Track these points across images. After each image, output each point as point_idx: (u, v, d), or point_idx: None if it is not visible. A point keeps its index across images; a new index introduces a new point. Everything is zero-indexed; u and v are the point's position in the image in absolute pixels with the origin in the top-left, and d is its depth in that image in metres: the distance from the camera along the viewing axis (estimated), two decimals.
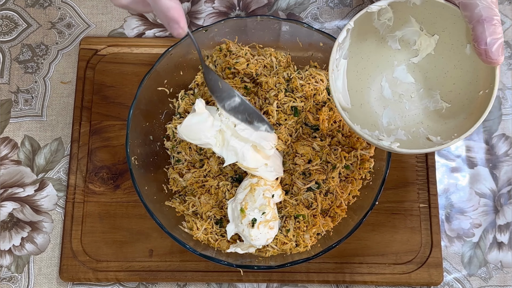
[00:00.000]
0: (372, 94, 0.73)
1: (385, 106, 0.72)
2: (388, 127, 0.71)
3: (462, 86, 0.68)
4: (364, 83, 0.73)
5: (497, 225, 0.84)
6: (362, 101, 0.72)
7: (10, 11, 0.93)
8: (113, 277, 0.80)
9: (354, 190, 0.78)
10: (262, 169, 0.75)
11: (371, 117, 0.72)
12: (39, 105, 0.89)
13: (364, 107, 0.72)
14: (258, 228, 0.73)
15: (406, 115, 0.72)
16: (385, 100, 0.73)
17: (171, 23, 0.58)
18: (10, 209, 0.84)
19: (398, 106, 0.72)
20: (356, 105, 0.71)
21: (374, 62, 0.73)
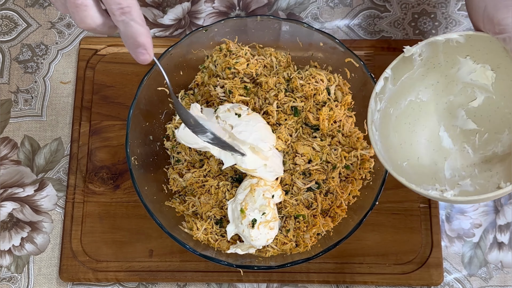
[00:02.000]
0: (430, 146, 0.68)
1: (446, 157, 0.67)
2: (452, 179, 0.66)
3: None
4: (419, 135, 0.68)
5: (498, 225, 0.84)
6: (419, 154, 0.67)
7: (10, 11, 0.93)
8: (113, 277, 0.80)
9: (354, 190, 0.77)
10: (261, 170, 0.75)
11: (430, 171, 0.67)
12: (39, 105, 0.89)
13: (422, 161, 0.67)
14: (258, 228, 0.73)
15: (471, 165, 0.66)
16: (445, 151, 0.68)
17: (139, 49, 0.57)
18: (10, 209, 0.84)
19: (461, 156, 0.67)
20: (412, 159, 0.66)
21: (429, 112, 0.67)
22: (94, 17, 0.55)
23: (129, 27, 0.55)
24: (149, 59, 0.58)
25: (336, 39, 0.78)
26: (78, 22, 0.56)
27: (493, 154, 0.65)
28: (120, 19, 0.55)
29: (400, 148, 0.67)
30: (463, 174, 0.66)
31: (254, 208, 0.73)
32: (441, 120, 0.68)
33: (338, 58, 0.80)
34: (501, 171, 0.64)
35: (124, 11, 0.54)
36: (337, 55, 0.80)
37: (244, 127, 0.74)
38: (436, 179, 0.66)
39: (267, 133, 0.76)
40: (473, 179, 0.65)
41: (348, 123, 0.80)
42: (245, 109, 0.77)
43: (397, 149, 0.67)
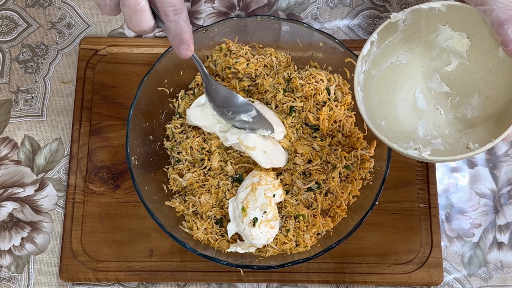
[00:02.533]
0: (406, 106, 0.72)
1: (420, 117, 0.71)
2: (424, 139, 0.70)
3: (499, 90, 0.67)
4: (397, 95, 0.72)
5: (497, 225, 0.84)
6: (396, 113, 0.71)
7: (10, 11, 0.93)
8: (113, 277, 0.81)
9: (354, 190, 0.78)
10: (259, 152, 0.75)
11: (406, 130, 0.71)
12: (39, 105, 0.89)
13: (398, 120, 0.71)
14: (259, 227, 0.73)
15: (442, 125, 0.71)
16: (420, 112, 0.72)
17: (183, 45, 0.62)
18: (10, 209, 0.84)
19: (434, 116, 0.71)
20: (389, 118, 0.70)
21: (407, 73, 0.71)
22: (149, 20, 0.60)
23: (179, 26, 0.60)
24: (190, 55, 0.63)
25: (336, 39, 0.79)
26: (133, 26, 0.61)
27: (463, 116, 0.69)
28: (173, 19, 0.60)
29: (380, 107, 0.71)
30: (434, 133, 0.70)
31: (255, 206, 0.74)
32: (417, 82, 0.72)
33: (338, 58, 0.80)
34: (469, 132, 0.68)
35: (177, 12, 0.59)
36: (337, 55, 0.80)
37: (259, 109, 0.76)
38: (411, 137, 0.70)
39: (279, 121, 0.79)
40: (444, 139, 0.69)
41: (348, 123, 0.80)
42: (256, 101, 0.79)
43: (376, 107, 0.70)
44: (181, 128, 0.83)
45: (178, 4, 0.59)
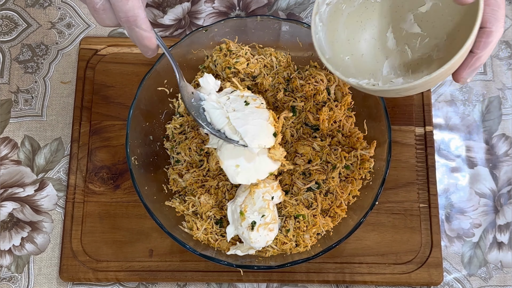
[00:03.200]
0: (376, 44, 0.72)
1: (388, 56, 0.71)
2: (387, 77, 0.70)
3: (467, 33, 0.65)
4: (368, 33, 0.72)
5: (497, 225, 0.84)
6: (364, 51, 0.71)
7: (10, 11, 0.93)
8: (113, 277, 0.81)
9: (354, 190, 0.78)
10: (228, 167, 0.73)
11: (371, 67, 0.71)
12: (39, 105, 0.89)
13: (365, 57, 0.71)
14: (258, 230, 0.73)
15: (407, 65, 0.70)
16: (388, 51, 0.72)
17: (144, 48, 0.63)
18: (10, 209, 0.84)
19: (401, 56, 0.71)
20: (356, 55, 0.70)
21: (382, 13, 0.71)
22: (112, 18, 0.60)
23: (133, 32, 0.60)
24: (152, 55, 0.64)
25: None
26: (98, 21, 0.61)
27: (428, 58, 0.69)
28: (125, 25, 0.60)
29: (347, 43, 0.71)
30: (398, 72, 0.70)
31: (253, 210, 0.73)
32: (390, 22, 0.72)
33: None
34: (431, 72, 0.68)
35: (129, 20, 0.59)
36: None
37: (243, 116, 0.72)
38: (374, 74, 0.70)
39: (263, 133, 0.72)
40: (406, 78, 0.69)
41: (348, 123, 0.80)
42: (258, 102, 0.75)
43: (343, 43, 0.70)
44: (180, 128, 0.83)
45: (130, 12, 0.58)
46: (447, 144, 0.87)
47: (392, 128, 0.80)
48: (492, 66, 0.90)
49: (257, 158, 0.73)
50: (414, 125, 0.86)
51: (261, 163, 0.74)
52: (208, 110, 0.73)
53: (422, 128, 0.86)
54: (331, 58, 0.67)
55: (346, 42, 0.70)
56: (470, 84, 0.90)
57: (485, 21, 0.58)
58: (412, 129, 0.86)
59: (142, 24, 0.59)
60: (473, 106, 0.89)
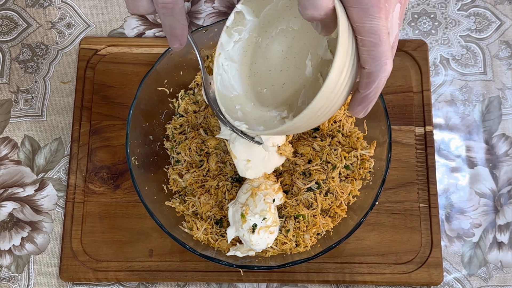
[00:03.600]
0: (297, 73, 0.68)
1: (305, 85, 0.68)
2: (300, 107, 0.67)
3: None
4: (290, 62, 0.69)
5: (497, 225, 0.84)
6: (286, 80, 0.68)
7: (10, 11, 0.93)
8: (113, 277, 0.81)
9: (354, 190, 0.78)
10: (240, 162, 0.74)
11: (290, 97, 0.68)
12: (39, 105, 0.89)
13: (286, 87, 0.68)
14: (259, 233, 0.73)
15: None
16: (306, 79, 0.68)
17: (172, 37, 0.62)
18: (10, 209, 0.84)
19: (315, 85, 0.67)
20: (277, 85, 0.68)
21: (300, 39, 0.68)
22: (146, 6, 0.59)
23: (167, 19, 0.60)
24: (179, 48, 0.63)
25: None
26: (131, 9, 0.60)
27: None
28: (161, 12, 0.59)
29: (268, 74, 0.69)
30: (311, 101, 0.66)
31: (254, 212, 0.73)
32: (310, 48, 0.68)
33: None
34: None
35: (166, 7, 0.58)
36: None
37: None
38: (290, 105, 0.68)
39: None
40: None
41: (348, 123, 0.80)
42: None
43: (263, 75, 0.69)
44: (180, 128, 0.83)
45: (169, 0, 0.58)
46: (447, 144, 0.87)
47: (392, 128, 0.80)
48: (492, 66, 0.90)
49: (267, 154, 0.75)
50: (414, 125, 0.86)
51: (270, 158, 0.76)
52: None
53: (422, 128, 0.86)
54: (240, 95, 0.66)
55: (267, 73, 0.69)
56: (470, 84, 0.90)
57: (363, 61, 0.54)
58: (412, 129, 0.86)
59: (178, 13, 0.59)
60: (473, 106, 0.89)
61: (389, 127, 0.74)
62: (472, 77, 0.90)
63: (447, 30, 0.92)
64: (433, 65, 0.90)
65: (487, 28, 0.92)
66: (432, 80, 0.89)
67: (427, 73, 0.88)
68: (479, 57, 0.91)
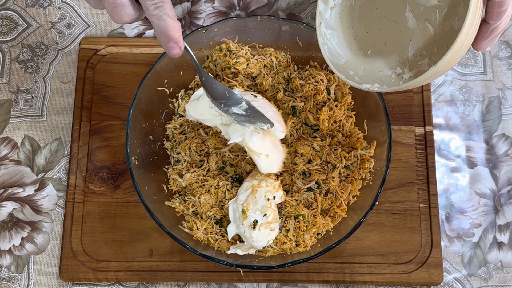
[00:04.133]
0: (397, 28, 0.68)
1: (411, 37, 0.68)
2: (414, 60, 0.67)
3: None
4: (387, 18, 0.69)
5: (497, 225, 0.84)
6: (387, 38, 0.69)
7: (10, 11, 0.93)
8: (113, 277, 0.81)
9: (354, 190, 0.78)
10: (263, 157, 0.74)
11: (397, 53, 0.68)
12: (39, 105, 0.89)
13: (389, 44, 0.69)
14: (260, 229, 0.73)
15: (432, 42, 0.67)
16: (411, 32, 0.68)
17: (170, 43, 0.60)
18: (10, 209, 0.84)
19: (424, 34, 0.67)
20: (379, 45, 0.68)
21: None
22: (131, 14, 0.59)
23: (161, 21, 0.58)
24: (179, 54, 0.61)
25: None
26: (115, 19, 0.59)
27: (450, 29, 0.66)
28: (153, 13, 0.58)
29: (367, 36, 0.69)
30: (424, 52, 0.67)
31: (255, 209, 0.73)
32: (407, 0, 0.68)
33: None
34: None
35: (157, 6, 0.57)
36: None
37: (261, 104, 0.75)
38: (401, 61, 0.68)
39: (280, 119, 0.77)
40: (432, 57, 0.66)
41: (348, 123, 0.80)
42: (259, 95, 0.78)
43: (363, 37, 0.69)
44: (180, 128, 0.83)
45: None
46: (447, 144, 0.87)
47: (392, 128, 0.80)
48: (492, 66, 0.90)
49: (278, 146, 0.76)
50: (414, 125, 0.86)
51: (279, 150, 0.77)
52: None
53: (422, 128, 0.86)
54: (349, 61, 0.66)
55: (366, 35, 0.69)
56: (470, 84, 0.90)
57: None
58: (412, 129, 0.86)
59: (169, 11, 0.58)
60: (473, 106, 0.89)
61: (389, 127, 0.74)
62: (472, 77, 0.90)
63: None
64: None
65: None
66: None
67: None
68: (479, 57, 0.91)
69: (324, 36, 0.67)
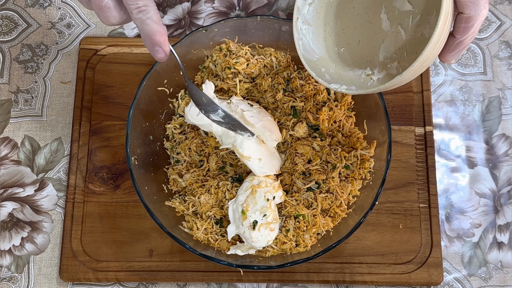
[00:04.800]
0: (372, 28, 0.69)
1: (384, 39, 0.68)
2: (384, 62, 0.68)
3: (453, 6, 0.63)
4: (363, 18, 0.69)
5: (497, 225, 0.84)
6: (361, 37, 0.69)
7: (10, 11, 0.93)
8: (113, 277, 0.81)
9: (354, 190, 0.78)
10: (254, 161, 0.75)
11: (369, 53, 0.69)
12: (39, 105, 0.89)
13: (363, 44, 0.69)
14: (259, 230, 0.73)
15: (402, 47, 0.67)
16: (383, 34, 0.69)
17: (155, 47, 0.60)
18: (10, 209, 0.84)
19: (396, 38, 0.68)
20: (353, 43, 0.69)
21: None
22: (116, 16, 0.59)
23: (145, 25, 0.59)
24: (164, 58, 0.61)
25: None
26: (103, 21, 0.60)
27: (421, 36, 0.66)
28: (137, 17, 0.58)
29: (342, 33, 0.69)
30: (394, 56, 0.68)
31: (255, 209, 0.73)
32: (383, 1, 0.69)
33: None
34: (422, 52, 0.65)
35: (141, 10, 0.57)
36: None
37: (255, 114, 0.76)
38: (371, 61, 0.68)
39: (274, 127, 0.77)
40: (401, 61, 0.67)
41: (348, 123, 0.80)
42: (256, 105, 0.79)
43: (338, 34, 0.69)
44: (180, 128, 0.83)
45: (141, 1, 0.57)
46: (447, 144, 0.87)
47: (392, 128, 0.80)
48: (492, 66, 0.90)
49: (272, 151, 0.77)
50: (414, 125, 0.86)
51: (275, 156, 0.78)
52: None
53: (422, 128, 0.86)
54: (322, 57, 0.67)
55: (341, 32, 0.69)
56: (470, 84, 0.90)
57: (462, 7, 0.56)
58: (412, 129, 0.86)
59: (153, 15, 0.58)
60: (473, 106, 0.89)
61: (389, 127, 0.74)
62: (472, 77, 0.90)
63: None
64: (433, 65, 0.90)
65: (487, 28, 0.92)
66: (432, 80, 0.89)
67: (427, 73, 0.88)
68: (479, 57, 0.91)
69: (300, 32, 0.68)
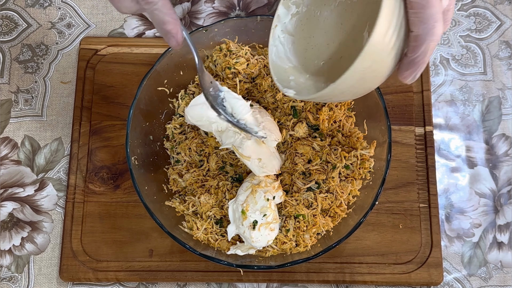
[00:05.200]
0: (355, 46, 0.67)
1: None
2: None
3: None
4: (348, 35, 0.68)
5: (497, 225, 0.84)
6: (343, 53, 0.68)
7: (10, 11, 0.93)
8: (113, 277, 0.81)
9: (354, 190, 0.78)
10: (254, 161, 0.75)
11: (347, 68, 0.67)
12: (39, 105, 0.89)
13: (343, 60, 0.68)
14: (259, 230, 0.73)
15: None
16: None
17: (167, 35, 0.61)
18: (10, 209, 0.84)
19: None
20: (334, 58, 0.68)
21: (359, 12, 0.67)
22: (128, 6, 0.60)
23: (154, 15, 0.59)
24: (177, 46, 0.62)
25: None
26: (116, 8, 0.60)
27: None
28: (145, 8, 0.58)
29: (326, 47, 0.68)
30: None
31: (255, 209, 0.73)
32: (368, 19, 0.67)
33: None
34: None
35: (148, 1, 0.57)
36: None
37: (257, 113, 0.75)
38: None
39: (274, 128, 0.77)
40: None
41: (348, 123, 0.80)
42: (256, 105, 0.79)
43: (321, 47, 0.68)
44: (180, 128, 0.83)
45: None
46: (447, 144, 0.87)
47: (392, 128, 0.80)
48: (492, 66, 0.91)
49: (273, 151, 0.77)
50: (414, 125, 0.86)
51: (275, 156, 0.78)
52: (229, 100, 0.72)
53: (422, 128, 0.86)
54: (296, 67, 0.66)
55: (325, 46, 0.68)
56: (470, 84, 0.90)
57: (411, 24, 0.53)
58: (412, 129, 0.86)
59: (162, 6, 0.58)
60: (473, 106, 0.89)
61: (389, 127, 0.74)
62: (472, 77, 0.90)
63: (447, 30, 0.92)
64: (433, 65, 0.91)
65: (487, 28, 0.92)
66: (432, 80, 0.89)
67: (427, 73, 0.88)
68: (479, 57, 0.91)
69: (276, 39, 0.67)
